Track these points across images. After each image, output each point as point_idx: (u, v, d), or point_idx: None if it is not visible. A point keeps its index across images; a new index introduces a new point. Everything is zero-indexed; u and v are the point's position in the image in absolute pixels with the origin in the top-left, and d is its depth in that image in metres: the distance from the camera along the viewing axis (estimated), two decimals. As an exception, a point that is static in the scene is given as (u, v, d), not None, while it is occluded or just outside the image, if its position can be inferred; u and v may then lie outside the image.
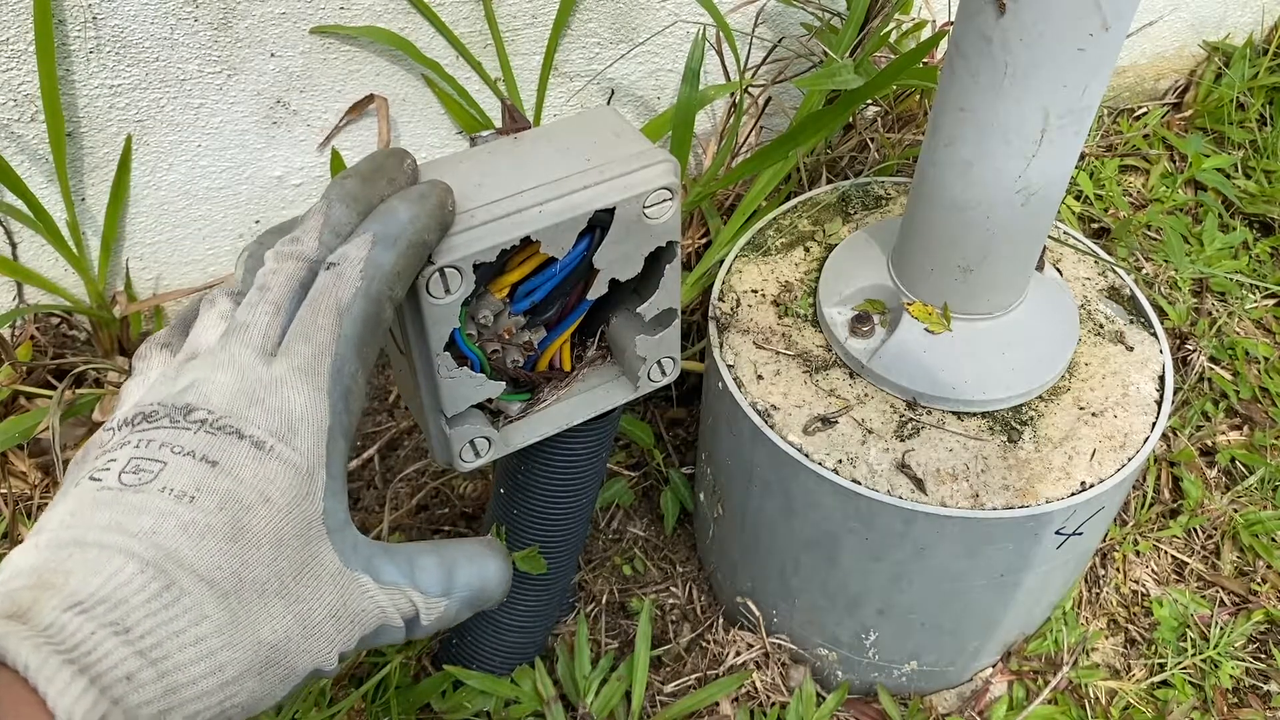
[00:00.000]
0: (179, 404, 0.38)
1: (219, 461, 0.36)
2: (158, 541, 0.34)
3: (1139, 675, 0.92)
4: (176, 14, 0.82)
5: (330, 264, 0.41)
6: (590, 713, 0.82)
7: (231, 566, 0.35)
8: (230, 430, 0.37)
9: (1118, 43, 0.58)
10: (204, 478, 0.35)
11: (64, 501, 0.35)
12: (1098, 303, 0.81)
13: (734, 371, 0.75)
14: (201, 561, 0.34)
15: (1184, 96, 1.44)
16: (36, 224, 0.86)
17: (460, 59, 0.94)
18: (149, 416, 0.37)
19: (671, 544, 0.98)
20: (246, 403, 0.38)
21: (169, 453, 0.36)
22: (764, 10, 1.03)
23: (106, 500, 0.34)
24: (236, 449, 0.36)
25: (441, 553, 0.43)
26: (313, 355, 0.39)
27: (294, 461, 0.37)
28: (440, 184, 0.46)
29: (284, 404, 0.38)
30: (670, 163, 0.51)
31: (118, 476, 0.35)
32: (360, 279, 0.41)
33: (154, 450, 0.36)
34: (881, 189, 0.91)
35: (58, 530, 0.34)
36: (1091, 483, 0.69)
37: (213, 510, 0.35)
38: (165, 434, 0.36)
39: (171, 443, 0.36)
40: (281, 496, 0.37)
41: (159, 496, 0.35)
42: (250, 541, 0.35)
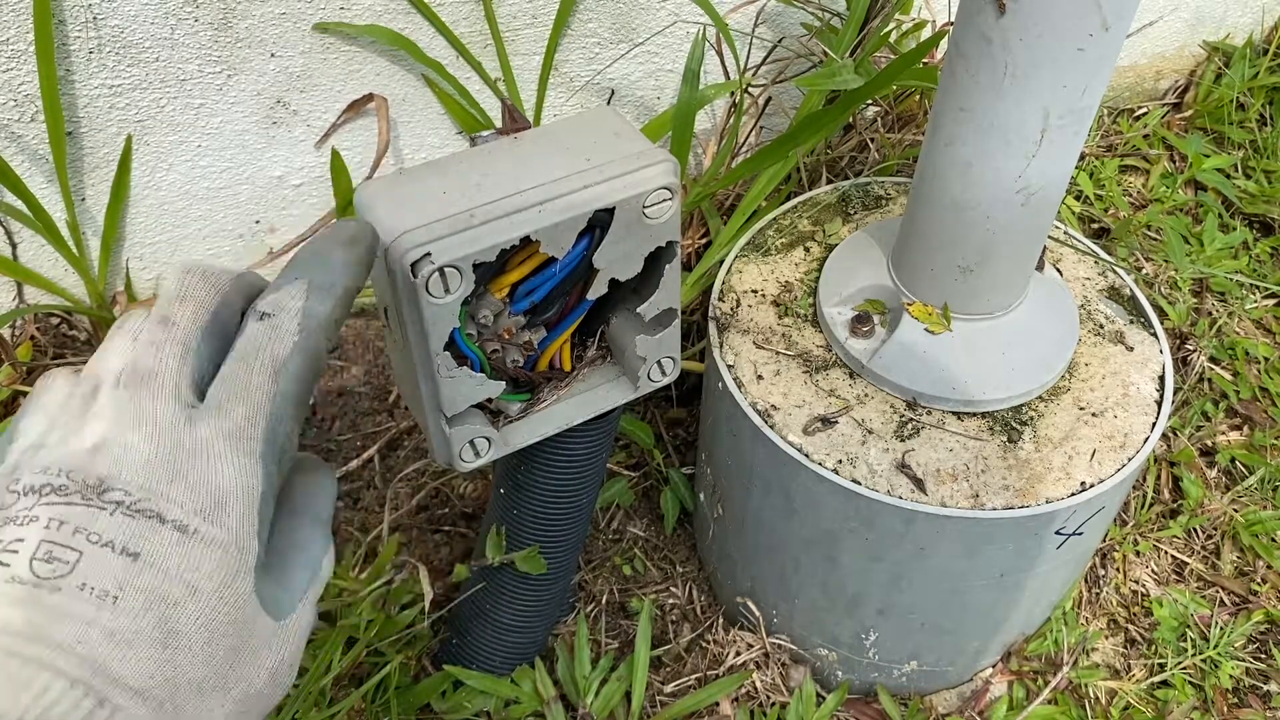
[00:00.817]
0: (90, 477, 0.34)
1: (139, 553, 0.33)
2: (83, 654, 0.31)
3: (1139, 675, 0.92)
4: (176, 14, 0.82)
5: (263, 314, 0.38)
6: (590, 713, 0.82)
7: (164, 674, 0.32)
8: (150, 514, 0.34)
9: (1118, 43, 0.58)
10: (125, 574, 0.33)
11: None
12: (1098, 303, 0.81)
13: (734, 371, 0.75)
14: (132, 673, 0.32)
15: (1184, 96, 1.44)
16: (36, 224, 0.86)
17: (460, 59, 0.94)
18: (59, 489, 0.34)
19: (671, 544, 0.98)
20: (167, 476, 0.34)
21: (84, 541, 0.33)
22: (764, 10, 1.03)
23: (21, 598, 0.31)
24: (158, 536, 0.33)
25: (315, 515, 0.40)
26: (245, 418, 0.36)
27: (221, 542, 0.34)
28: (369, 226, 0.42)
29: (211, 476, 0.35)
30: (670, 162, 0.51)
31: (29, 565, 0.32)
32: (298, 332, 0.37)
33: (67, 536, 0.33)
34: (881, 189, 0.91)
35: None
36: (1091, 483, 0.69)
37: (138, 612, 0.32)
38: (79, 515, 0.33)
39: (87, 528, 0.33)
40: (209, 583, 0.34)
41: (79, 597, 0.32)
42: (181, 644, 0.33)
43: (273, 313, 0.38)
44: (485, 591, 0.78)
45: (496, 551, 0.73)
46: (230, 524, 0.35)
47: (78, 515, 0.33)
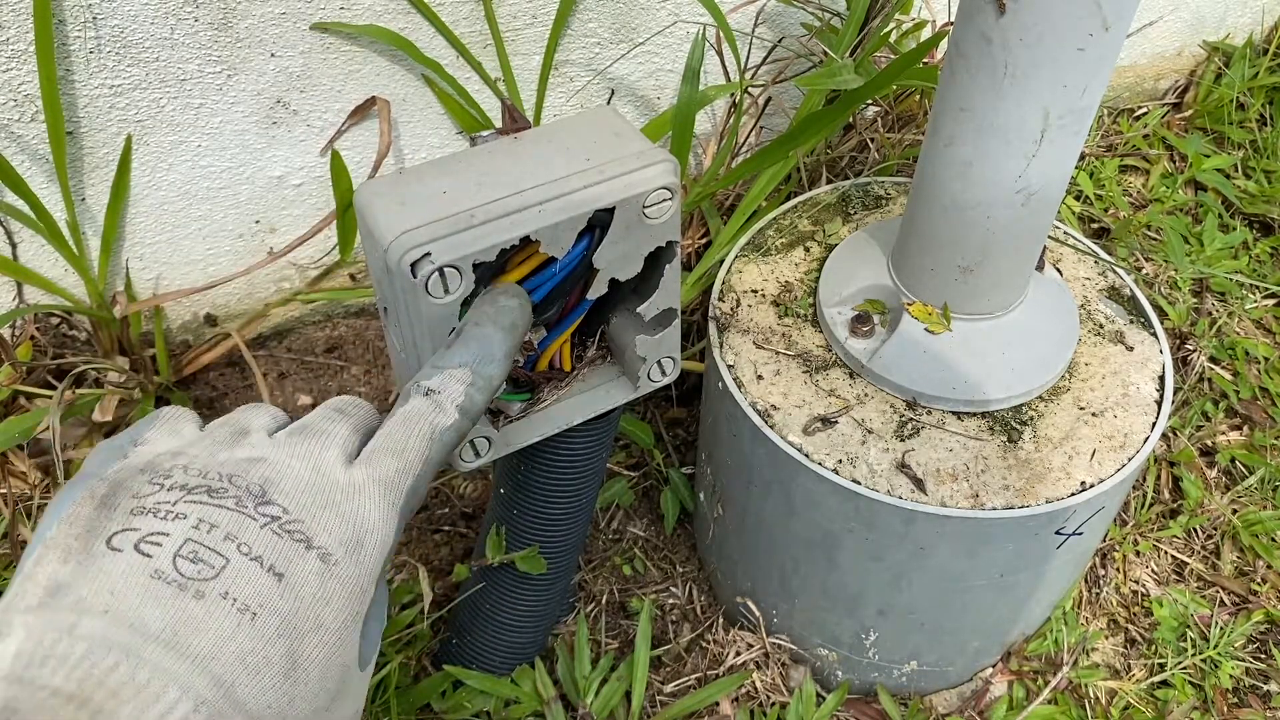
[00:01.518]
0: (251, 484, 0.35)
1: (285, 575, 0.33)
2: (216, 673, 0.31)
3: (1139, 675, 0.92)
4: (176, 14, 0.82)
5: (428, 390, 0.40)
6: (590, 713, 0.82)
7: (280, 705, 0.32)
8: (300, 537, 0.34)
9: (1118, 43, 0.58)
10: (268, 594, 0.32)
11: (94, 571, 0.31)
12: (1098, 303, 0.81)
13: (734, 371, 0.75)
14: (255, 700, 0.31)
15: (1184, 96, 1.44)
16: (36, 224, 0.86)
17: (460, 59, 0.94)
18: (213, 491, 0.34)
19: (671, 544, 0.98)
20: (321, 503, 0.35)
21: (234, 549, 0.33)
22: (764, 10, 1.03)
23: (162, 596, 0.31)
24: (303, 562, 0.34)
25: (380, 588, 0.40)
26: (397, 471, 0.38)
27: (354, 580, 0.35)
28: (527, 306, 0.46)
29: (359, 512, 0.36)
30: (670, 162, 0.51)
31: (172, 561, 0.32)
32: (457, 414, 0.40)
33: (217, 540, 0.33)
34: (881, 189, 0.91)
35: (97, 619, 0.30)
36: (1091, 483, 0.69)
37: (272, 638, 0.32)
38: (231, 521, 0.33)
39: (238, 537, 0.33)
40: (334, 621, 0.34)
41: (220, 607, 0.31)
42: (300, 677, 0.33)
43: (439, 391, 0.41)
44: (485, 591, 0.78)
45: (496, 551, 0.73)
46: (364, 564, 0.35)
47: (229, 521, 0.33)
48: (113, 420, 0.91)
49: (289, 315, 1.07)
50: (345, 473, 0.37)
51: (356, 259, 1.03)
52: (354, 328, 1.09)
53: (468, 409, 0.41)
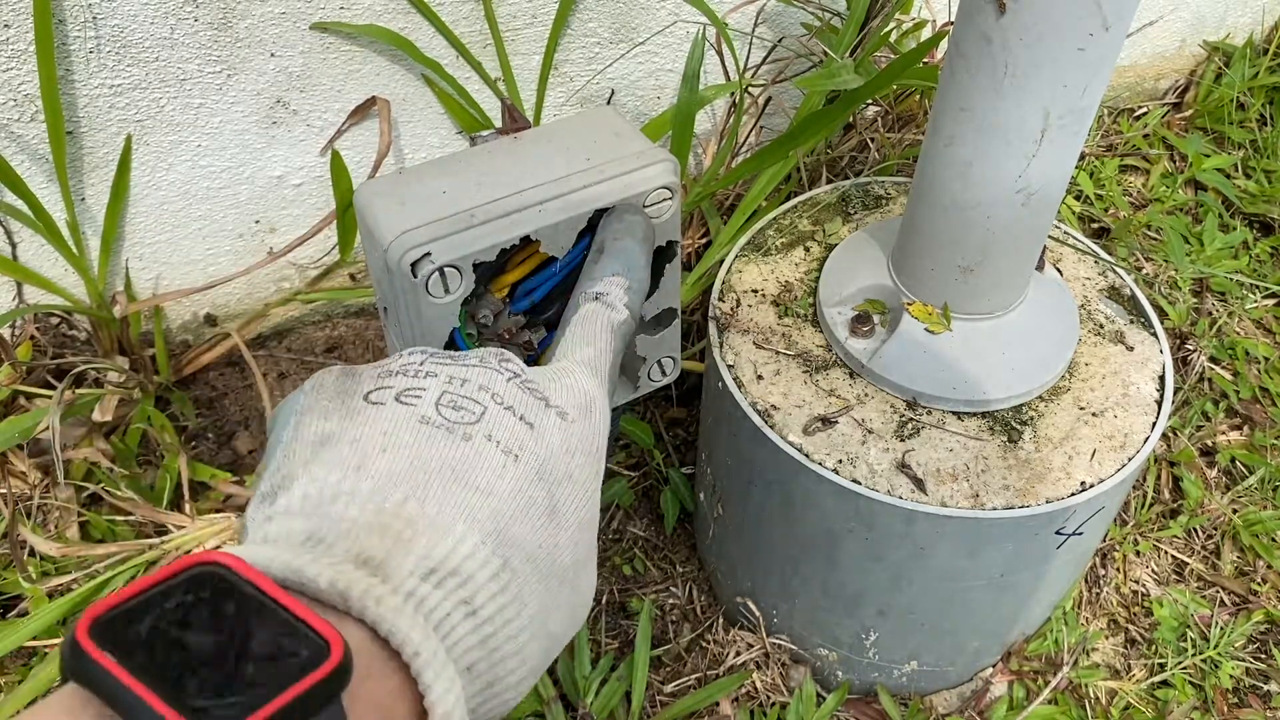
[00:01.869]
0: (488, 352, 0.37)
1: (534, 424, 0.34)
2: (493, 508, 0.32)
3: (1139, 675, 0.92)
4: (176, 14, 0.82)
5: (597, 294, 0.45)
6: (590, 713, 0.82)
7: (547, 548, 0.33)
8: (539, 395, 0.36)
9: (1118, 43, 0.58)
10: (524, 439, 0.34)
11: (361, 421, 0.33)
12: (1098, 303, 0.81)
13: (734, 371, 0.75)
14: (528, 540, 0.32)
15: (1184, 96, 1.44)
16: (36, 224, 0.86)
17: (460, 59, 0.94)
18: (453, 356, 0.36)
19: (671, 544, 0.98)
20: (546, 378, 0.37)
21: (489, 398, 0.34)
22: (764, 10, 1.03)
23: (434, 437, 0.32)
24: (546, 416, 0.35)
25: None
26: (596, 355, 0.41)
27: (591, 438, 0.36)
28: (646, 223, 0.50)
29: (580, 384, 0.38)
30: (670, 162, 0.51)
31: (435, 408, 0.33)
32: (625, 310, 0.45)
33: (471, 390, 0.34)
34: (881, 189, 0.91)
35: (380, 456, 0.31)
36: (1091, 483, 0.69)
37: (532, 479, 0.33)
38: (479, 374, 0.35)
39: (490, 387, 0.35)
40: (581, 474, 0.35)
41: (487, 448, 0.33)
42: (561, 523, 0.34)
43: (607, 293, 0.45)
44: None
45: (496, 551, 0.73)
46: (595, 425, 0.37)
47: (478, 375, 0.35)
48: (113, 420, 0.91)
49: (289, 315, 1.07)
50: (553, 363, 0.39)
51: (356, 259, 1.03)
52: (354, 328, 1.09)
53: (632, 307, 0.45)
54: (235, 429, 1.00)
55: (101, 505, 0.88)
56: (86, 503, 0.88)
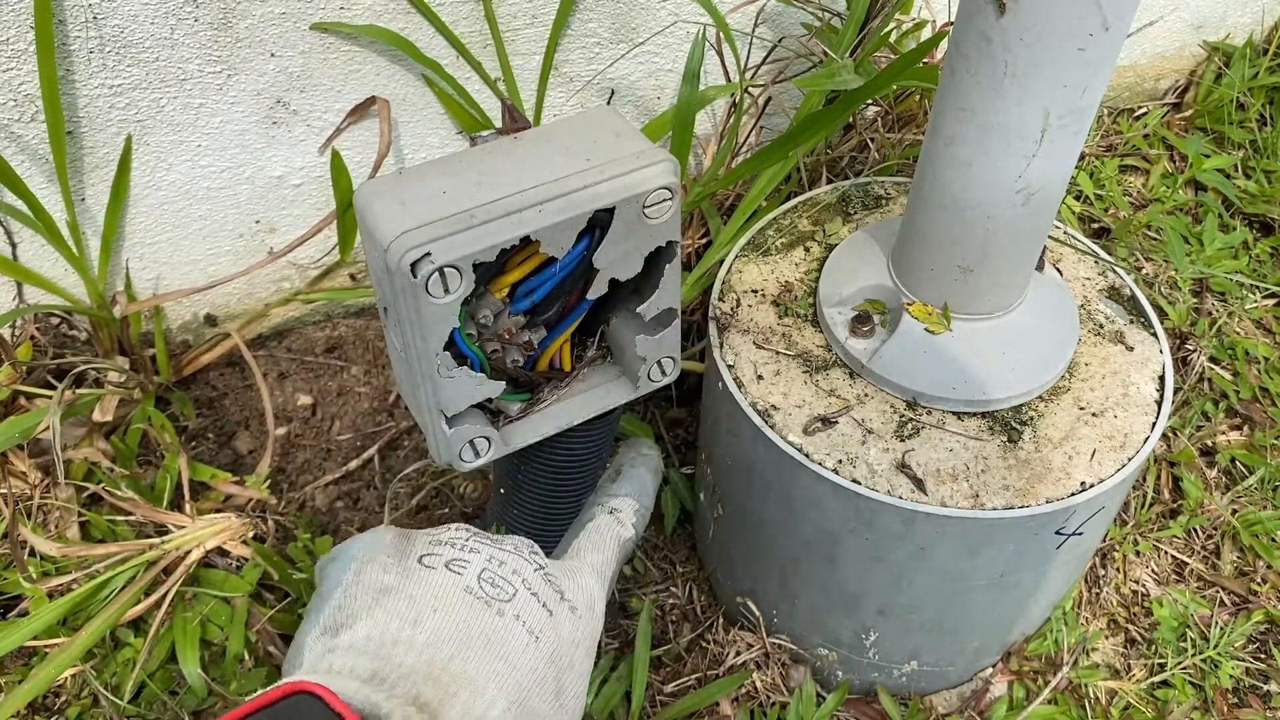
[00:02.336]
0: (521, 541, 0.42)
1: (554, 613, 0.40)
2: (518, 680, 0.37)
3: (1139, 675, 0.92)
4: (176, 14, 0.82)
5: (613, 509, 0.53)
6: (590, 713, 0.82)
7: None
8: (557, 588, 0.42)
9: (1118, 43, 0.58)
10: (544, 624, 0.39)
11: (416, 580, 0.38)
12: (1098, 303, 0.81)
13: (734, 371, 0.75)
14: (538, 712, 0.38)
15: (1184, 96, 1.44)
16: (36, 224, 0.86)
17: (460, 59, 0.94)
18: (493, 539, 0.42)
19: (671, 544, 0.98)
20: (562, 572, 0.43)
21: (520, 583, 0.40)
22: (764, 10, 1.03)
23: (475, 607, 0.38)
24: (561, 608, 0.41)
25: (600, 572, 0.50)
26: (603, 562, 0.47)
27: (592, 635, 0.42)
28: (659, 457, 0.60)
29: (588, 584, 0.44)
30: (670, 162, 0.51)
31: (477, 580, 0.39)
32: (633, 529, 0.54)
33: (507, 573, 0.40)
34: (881, 189, 0.91)
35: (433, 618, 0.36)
36: (1091, 483, 0.69)
37: (547, 660, 0.39)
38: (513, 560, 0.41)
39: (521, 573, 0.40)
40: (581, 665, 0.41)
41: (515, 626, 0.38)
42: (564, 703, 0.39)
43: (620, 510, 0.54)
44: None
45: (496, 551, 0.73)
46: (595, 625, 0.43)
47: (512, 560, 0.41)
48: (113, 420, 0.91)
49: (289, 315, 1.07)
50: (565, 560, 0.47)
51: (356, 259, 1.03)
52: (354, 328, 1.09)
53: (638, 527, 0.53)
54: (235, 429, 1.00)
55: (102, 505, 0.88)
56: (87, 503, 0.89)
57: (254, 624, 0.82)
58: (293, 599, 0.85)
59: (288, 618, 0.83)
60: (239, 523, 0.84)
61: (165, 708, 0.80)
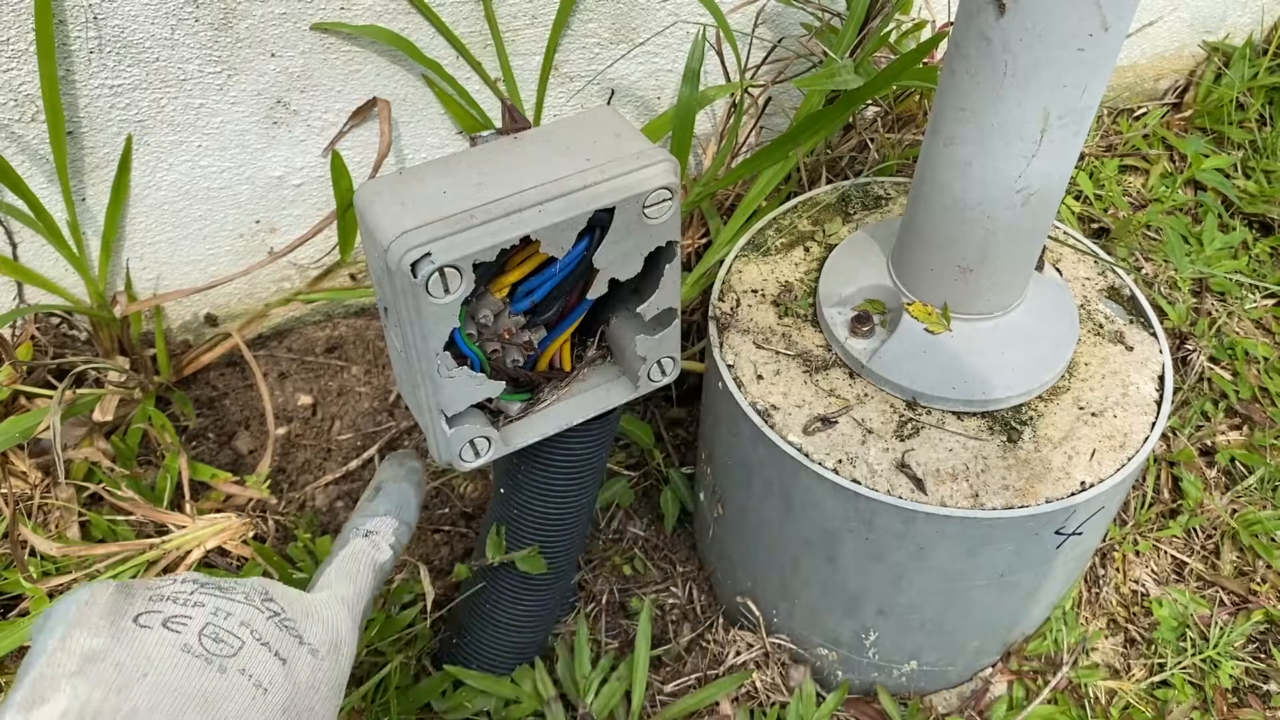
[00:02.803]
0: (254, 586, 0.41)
1: (287, 661, 0.39)
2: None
3: (1139, 675, 0.92)
4: (177, 14, 0.82)
5: (368, 532, 0.51)
6: (590, 713, 0.82)
7: None
8: (294, 632, 0.41)
9: (1118, 43, 0.58)
10: (275, 674, 0.38)
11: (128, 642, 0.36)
12: (1098, 303, 0.81)
13: (734, 371, 0.75)
14: None
15: (1184, 96, 1.44)
16: (37, 224, 0.86)
17: (460, 59, 0.94)
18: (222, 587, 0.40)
19: (671, 544, 0.98)
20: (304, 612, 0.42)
21: (248, 634, 0.39)
22: (764, 10, 1.03)
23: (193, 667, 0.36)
24: (299, 653, 0.40)
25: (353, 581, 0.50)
26: (354, 595, 0.46)
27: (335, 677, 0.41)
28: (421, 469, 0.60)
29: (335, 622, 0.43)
30: (670, 162, 0.52)
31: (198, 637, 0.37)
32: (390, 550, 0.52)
33: (233, 625, 0.39)
34: (881, 189, 0.91)
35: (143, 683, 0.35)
36: (1091, 483, 0.69)
37: (279, 710, 0.38)
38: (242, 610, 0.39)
39: (250, 624, 0.39)
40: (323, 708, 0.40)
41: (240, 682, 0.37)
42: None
43: (376, 532, 0.52)
44: (485, 591, 0.78)
45: (496, 551, 0.73)
46: (341, 665, 0.43)
47: (241, 610, 0.40)
48: (113, 420, 0.91)
49: (289, 315, 1.08)
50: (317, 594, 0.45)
51: (357, 259, 1.03)
52: (354, 328, 1.09)
53: (396, 547, 0.52)
54: (235, 429, 1.01)
55: (102, 505, 0.88)
56: (87, 503, 0.89)
57: (254, 624, 0.82)
58: (293, 599, 0.85)
59: (288, 617, 0.83)
60: (239, 523, 0.84)
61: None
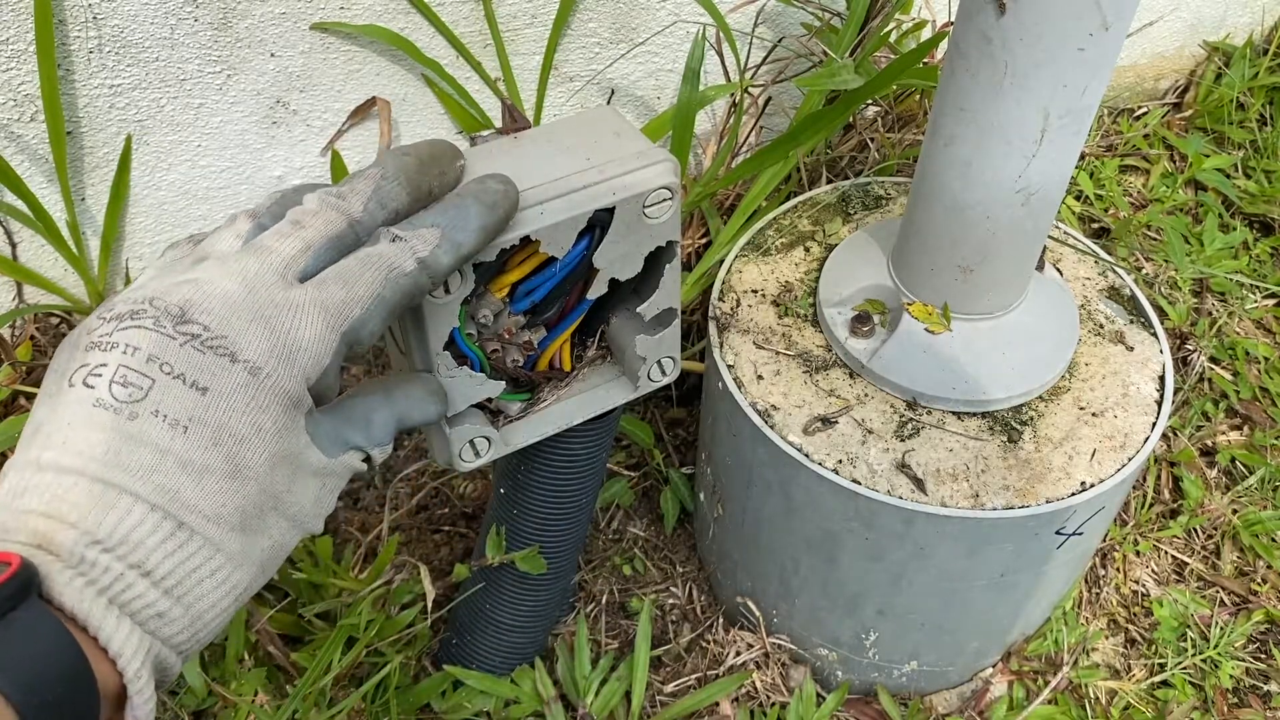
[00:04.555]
0: (170, 305, 0.36)
1: (209, 389, 0.35)
2: (159, 482, 0.34)
3: (1139, 675, 0.92)
4: (176, 14, 0.82)
5: (396, 236, 0.41)
6: (590, 713, 0.82)
7: (235, 503, 0.36)
8: (223, 352, 0.36)
9: (1118, 43, 0.58)
10: (195, 407, 0.35)
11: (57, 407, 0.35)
12: (1098, 303, 0.81)
13: (734, 371, 0.75)
14: (206, 502, 0.35)
15: (1184, 96, 1.44)
16: (36, 224, 0.86)
17: (460, 59, 0.94)
18: (135, 314, 0.36)
19: (671, 544, 0.98)
20: (248, 317, 0.36)
21: (158, 370, 0.35)
22: (764, 10, 1.03)
23: (103, 422, 0.34)
24: (228, 375, 0.36)
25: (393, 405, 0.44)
26: (343, 300, 0.39)
27: (287, 389, 0.37)
28: (513, 193, 0.45)
29: (293, 329, 0.37)
30: (670, 162, 0.51)
31: (109, 388, 0.34)
32: (416, 264, 0.41)
33: (140, 363, 0.35)
34: (881, 189, 0.91)
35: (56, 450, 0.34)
36: (1091, 483, 0.69)
37: (207, 446, 0.35)
38: (152, 342, 0.35)
39: (159, 357, 0.35)
40: (273, 425, 0.37)
41: (153, 424, 0.34)
42: (249, 476, 0.36)
43: (406, 239, 0.41)
44: (485, 591, 0.78)
45: (496, 551, 0.73)
46: (297, 374, 0.37)
47: (151, 342, 0.35)
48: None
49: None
50: (284, 292, 0.38)
51: (356, 259, 1.02)
52: (354, 328, 1.09)
53: (429, 264, 0.41)
54: (235, 429, 1.00)
55: (101, 505, 0.88)
56: (86, 503, 0.88)
57: (254, 624, 0.82)
58: (292, 599, 0.85)
59: (287, 618, 0.82)
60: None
61: (165, 708, 0.80)
